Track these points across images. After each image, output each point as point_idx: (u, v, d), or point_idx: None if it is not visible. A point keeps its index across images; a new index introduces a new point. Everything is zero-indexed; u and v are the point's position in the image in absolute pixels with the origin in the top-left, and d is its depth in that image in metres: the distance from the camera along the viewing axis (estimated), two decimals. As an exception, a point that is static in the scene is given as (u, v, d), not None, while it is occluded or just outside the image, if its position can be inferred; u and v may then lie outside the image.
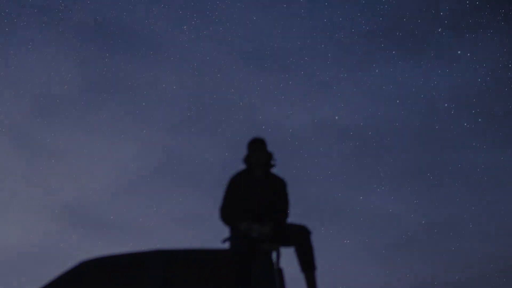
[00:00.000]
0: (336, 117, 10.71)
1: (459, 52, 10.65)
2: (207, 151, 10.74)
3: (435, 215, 10.63)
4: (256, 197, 5.22)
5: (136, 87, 10.65)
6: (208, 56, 10.82)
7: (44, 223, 10.36)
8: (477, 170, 10.53)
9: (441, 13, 10.56)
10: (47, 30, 10.66)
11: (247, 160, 5.33)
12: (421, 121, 10.63)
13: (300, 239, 4.98)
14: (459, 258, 10.01)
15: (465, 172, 10.58)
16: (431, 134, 10.71)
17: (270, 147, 5.40)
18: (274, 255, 4.97)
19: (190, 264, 4.87)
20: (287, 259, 5.03)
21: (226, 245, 5.08)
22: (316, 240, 5.06)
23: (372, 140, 10.64)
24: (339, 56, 10.77)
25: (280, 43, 10.76)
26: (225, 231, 5.16)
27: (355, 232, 10.53)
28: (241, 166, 5.38)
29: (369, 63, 10.71)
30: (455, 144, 10.61)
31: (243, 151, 5.38)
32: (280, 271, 4.93)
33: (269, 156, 5.34)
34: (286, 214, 5.26)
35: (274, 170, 5.40)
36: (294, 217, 5.31)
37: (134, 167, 10.69)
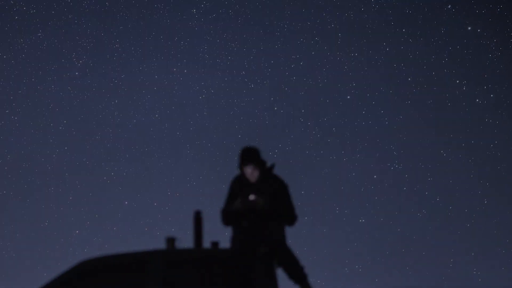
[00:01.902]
0: (348, 97, 10.70)
1: (469, 28, 10.60)
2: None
3: (449, 194, 10.65)
4: (246, 202, 5.09)
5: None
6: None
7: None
8: (490, 146, 10.53)
9: (451, -11, 10.51)
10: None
11: (240, 170, 5.23)
12: (433, 98, 10.61)
13: (280, 256, 4.94)
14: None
15: (478, 148, 10.58)
16: (444, 111, 10.69)
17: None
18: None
19: (190, 264, 4.86)
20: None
21: (227, 245, 5.11)
22: (332, 220, 5.01)
23: (384, 118, 10.63)
24: (349, 35, 10.73)
25: (289, 24, 10.73)
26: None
27: (370, 211, 10.56)
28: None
29: (380, 42, 10.66)
30: (467, 119, 10.60)
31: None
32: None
33: (262, 165, 5.20)
34: (293, 218, 5.19)
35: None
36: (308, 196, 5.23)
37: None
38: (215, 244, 5.32)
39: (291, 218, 5.17)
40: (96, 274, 4.82)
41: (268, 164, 5.26)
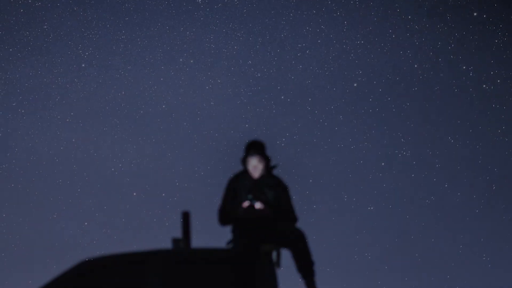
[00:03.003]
0: (355, 85, 10.69)
1: (475, 14, 10.59)
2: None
3: (457, 180, 10.65)
4: (248, 209, 5.06)
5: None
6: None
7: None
8: (497, 131, 10.53)
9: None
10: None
11: (244, 162, 5.19)
12: (440, 85, 10.60)
13: (297, 244, 4.91)
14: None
15: (485, 134, 10.58)
16: (450, 97, 10.69)
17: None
18: (274, 255, 4.96)
19: (190, 264, 4.82)
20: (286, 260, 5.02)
21: (227, 245, 5.09)
22: (340, 208, 5.00)
23: (391, 105, 10.63)
24: (355, 23, 10.73)
25: (295, 12, 10.72)
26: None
27: (378, 199, 10.57)
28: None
29: (385, 29, 10.66)
30: (474, 105, 10.60)
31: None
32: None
33: (267, 161, 5.15)
34: (294, 221, 5.17)
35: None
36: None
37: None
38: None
39: (292, 221, 5.16)
40: (96, 274, 4.78)
41: (272, 163, 5.22)
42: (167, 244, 5.44)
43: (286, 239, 4.93)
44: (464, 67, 10.57)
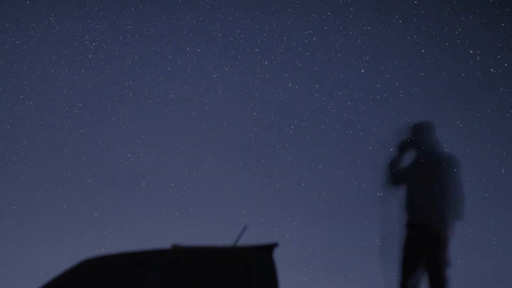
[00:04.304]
0: (362, 71, 10.68)
1: (482, -3, 10.57)
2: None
3: (462, 164, 10.61)
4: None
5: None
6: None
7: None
8: (506, 115, 10.51)
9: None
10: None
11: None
12: (447, 69, 10.59)
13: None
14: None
15: (493, 117, 10.57)
16: (458, 81, 10.67)
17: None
18: (274, 254, 4.93)
19: (191, 263, 4.81)
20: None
21: (228, 244, 5.06)
22: (350, 195, 4.90)
23: (399, 91, 10.62)
24: (361, 9, 10.71)
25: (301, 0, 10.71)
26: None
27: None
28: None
29: (392, 15, 10.64)
30: (482, 90, 10.59)
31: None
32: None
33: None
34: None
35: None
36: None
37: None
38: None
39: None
40: (96, 274, 4.77)
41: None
42: (168, 241, 5.42)
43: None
44: (471, 51, 10.55)
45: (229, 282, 4.68)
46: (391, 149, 5.56)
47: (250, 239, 5.10)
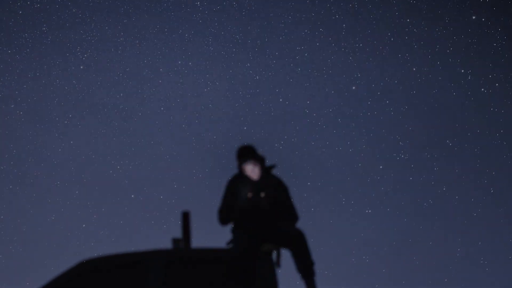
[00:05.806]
0: (353, 88, 10.69)
1: (474, 17, 10.59)
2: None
3: (456, 183, 10.65)
4: (253, 198, 5.10)
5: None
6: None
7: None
8: (496, 135, 10.53)
9: (455, -22, 10.51)
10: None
11: (240, 170, 5.21)
12: (438, 88, 10.60)
13: (296, 244, 4.92)
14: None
15: (483, 137, 10.58)
16: (448, 101, 10.69)
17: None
18: (274, 255, 4.97)
19: (190, 264, 4.83)
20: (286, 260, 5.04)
21: (227, 245, 5.07)
22: (338, 211, 4.99)
23: (389, 108, 10.63)
24: (353, 26, 10.73)
25: (294, 15, 10.73)
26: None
27: (376, 202, 10.57)
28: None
29: (384, 32, 10.66)
30: (472, 109, 10.60)
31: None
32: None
33: (262, 161, 5.19)
34: (295, 219, 5.18)
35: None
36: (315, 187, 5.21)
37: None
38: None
39: (293, 219, 5.17)
40: (96, 274, 4.78)
41: (269, 163, 5.26)
42: (167, 245, 5.46)
43: (286, 239, 4.94)
44: (462, 71, 10.57)
45: (229, 282, 4.70)
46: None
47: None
